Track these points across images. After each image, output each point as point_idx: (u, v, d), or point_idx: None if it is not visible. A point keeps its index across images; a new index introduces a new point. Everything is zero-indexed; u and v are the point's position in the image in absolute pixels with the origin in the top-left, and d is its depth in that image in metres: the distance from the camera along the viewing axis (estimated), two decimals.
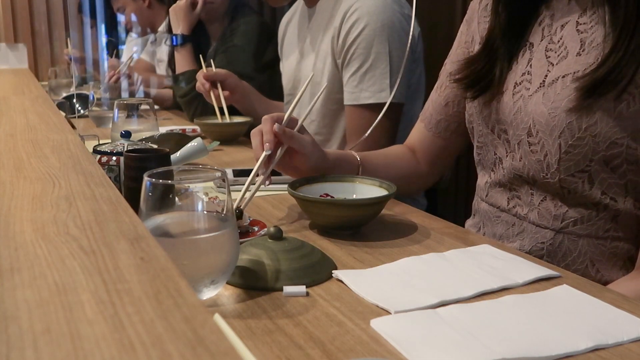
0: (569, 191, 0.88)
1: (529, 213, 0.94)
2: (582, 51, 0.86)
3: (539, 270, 0.73)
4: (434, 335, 0.58)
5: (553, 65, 0.90)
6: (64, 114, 1.46)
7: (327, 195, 0.93)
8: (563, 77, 0.87)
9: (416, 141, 1.17)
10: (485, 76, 0.98)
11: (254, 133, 0.95)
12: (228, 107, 1.67)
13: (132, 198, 0.58)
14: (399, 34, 1.37)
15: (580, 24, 0.88)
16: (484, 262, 0.76)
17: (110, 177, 0.91)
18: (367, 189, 0.94)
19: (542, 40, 0.93)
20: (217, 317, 0.38)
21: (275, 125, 0.92)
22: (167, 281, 0.33)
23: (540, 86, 0.89)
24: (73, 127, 1.01)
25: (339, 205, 0.86)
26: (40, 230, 0.41)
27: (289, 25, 1.67)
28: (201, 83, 1.67)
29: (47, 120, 0.90)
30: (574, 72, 0.85)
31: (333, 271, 0.73)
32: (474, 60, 1.00)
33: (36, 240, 0.39)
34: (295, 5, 1.67)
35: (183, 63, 2.07)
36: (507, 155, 0.96)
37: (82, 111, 2.09)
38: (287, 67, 1.64)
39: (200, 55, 1.86)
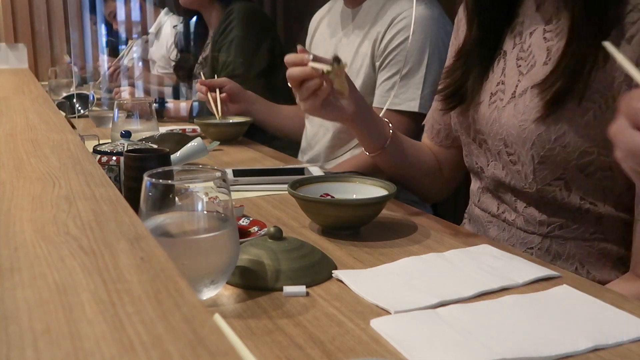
0: (548, 199, 0.89)
1: (516, 219, 0.94)
2: (549, 60, 0.87)
3: (539, 270, 0.73)
4: (434, 335, 0.58)
5: (523, 75, 0.90)
6: (64, 114, 1.46)
7: (327, 195, 0.93)
8: (531, 87, 0.88)
9: (430, 146, 1.18)
10: (461, 86, 0.98)
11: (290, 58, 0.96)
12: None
13: (132, 198, 0.58)
14: (439, 48, 1.40)
15: (547, 32, 0.88)
16: (484, 262, 0.76)
17: (110, 177, 0.91)
18: (367, 189, 0.94)
19: (514, 48, 0.93)
20: (217, 317, 0.38)
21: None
22: (167, 281, 0.33)
23: (512, 97, 0.90)
24: (73, 127, 1.01)
25: (339, 205, 0.86)
26: (40, 230, 0.41)
27: (321, 23, 1.68)
28: (199, 90, 1.68)
29: (47, 120, 0.90)
30: (541, 83, 0.86)
31: (333, 271, 0.73)
32: (451, 71, 1.01)
33: (36, 240, 0.39)
34: (330, 4, 1.67)
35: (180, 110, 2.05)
36: (488, 165, 0.97)
37: (82, 111, 2.09)
38: None
39: (199, 68, 1.84)
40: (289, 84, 0.98)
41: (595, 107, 0.82)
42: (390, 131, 1.07)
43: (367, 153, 1.10)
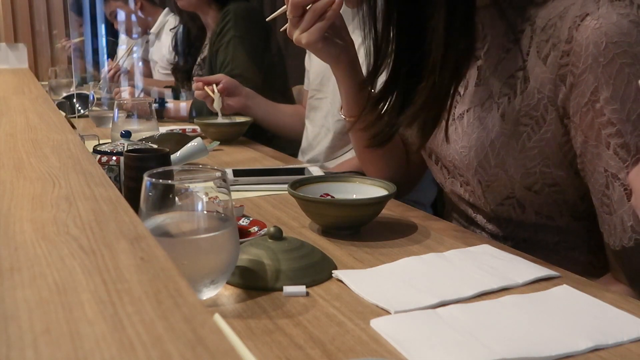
0: (505, 218, 0.89)
1: (483, 232, 0.95)
2: (479, 82, 0.87)
3: (539, 270, 0.73)
4: (433, 335, 0.58)
5: (460, 95, 0.90)
6: (64, 113, 1.46)
7: (327, 195, 0.93)
8: (467, 111, 0.87)
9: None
10: (390, 122, 0.95)
11: None
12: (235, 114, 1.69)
13: (132, 198, 0.58)
14: None
15: (478, 49, 0.88)
16: (484, 262, 0.76)
17: (110, 177, 0.91)
18: (367, 189, 0.94)
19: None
20: (217, 317, 0.38)
21: None
22: (167, 281, 0.33)
23: (452, 121, 0.89)
24: (73, 127, 1.01)
25: (339, 205, 0.86)
26: (40, 230, 0.41)
27: None
28: (196, 88, 1.68)
29: (47, 120, 0.90)
30: (474, 107, 0.86)
31: (333, 271, 0.73)
32: (372, 104, 0.97)
33: (36, 240, 0.39)
34: None
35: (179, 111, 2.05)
36: (445, 182, 0.97)
37: (82, 111, 2.09)
38: (315, 63, 1.64)
39: (197, 69, 1.83)
40: (288, 16, 0.95)
41: (528, 129, 0.82)
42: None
43: (345, 117, 1.06)
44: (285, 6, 0.99)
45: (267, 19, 1.23)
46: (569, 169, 0.83)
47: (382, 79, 0.95)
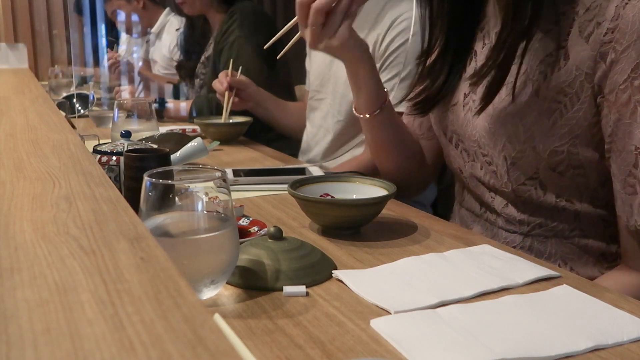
0: (525, 199, 0.89)
1: (497, 219, 0.95)
2: (514, 60, 0.87)
3: (539, 270, 0.73)
4: (434, 335, 0.58)
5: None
6: (64, 114, 1.46)
7: (327, 195, 0.93)
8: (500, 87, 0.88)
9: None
10: (436, 90, 0.98)
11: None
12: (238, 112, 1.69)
13: (132, 198, 0.58)
14: None
15: None
16: (484, 262, 0.76)
17: (110, 177, 0.91)
18: (367, 189, 0.94)
19: (483, 47, 0.94)
20: (217, 317, 0.38)
21: None
22: (167, 281, 0.33)
23: (482, 99, 0.90)
24: (73, 127, 1.01)
25: (339, 205, 0.86)
26: (40, 230, 0.41)
27: None
28: (220, 82, 1.65)
29: (47, 120, 0.90)
30: (507, 84, 0.87)
31: (333, 271, 0.73)
32: (424, 76, 1.01)
33: (36, 240, 0.39)
34: None
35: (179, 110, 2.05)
36: (465, 165, 0.97)
37: (82, 111, 2.09)
38: (315, 64, 1.64)
39: (201, 67, 1.83)
40: (306, 25, 0.93)
41: (561, 106, 0.83)
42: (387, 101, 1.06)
43: (363, 115, 1.07)
44: (291, 23, 0.98)
45: (277, 57, 1.23)
46: (594, 151, 0.85)
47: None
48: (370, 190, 0.93)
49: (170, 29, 3.02)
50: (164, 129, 1.56)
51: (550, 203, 0.88)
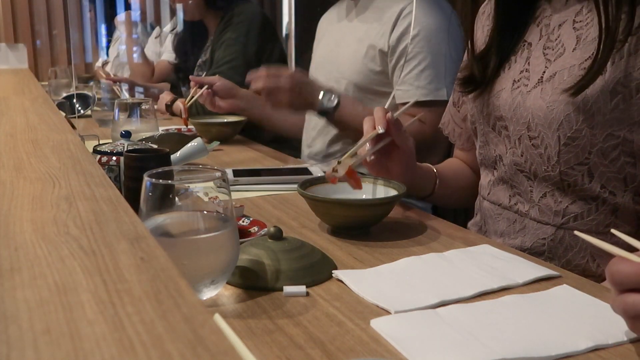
0: (569, 184, 0.89)
1: (530, 210, 0.94)
2: (578, 46, 0.89)
3: (539, 270, 0.73)
4: (434, 335, 0.58)
5: (550, 62, 0.92)
6: (64, 114, 1.46)
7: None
8: (560, 71, 0.89)
9: (457, 154, 1.21)
10: (484, 75, 1.00)
11: (367, 119, 0.98)
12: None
13: (132, 198, 0.58)
14: (453, 35, 1.42)
15: (577, 22, 0.91)
16: (484, 262, 0.76)
17: (110, 177, 0.91)
18: (376, 189, 0.94)
19: (540, 39, 0.95)
20: (217, 317, 0.38)
21: (389, 114, 0.95)
22: (167, 281, 0.33)
23: (538, 82, 0.91)
24: (73, 127, 1.01)
25: (349, 205, 0.86)
26: (40, 230, 0.41)
27: (326, 22, 1.70)
28: (192, 86, 1.71)
29: (47, 120, 0.90)
30: (570, 67, 0.88)
31: (333, 271, 0.73)
32: (476, 60, 1.02)
33: (36, 240, 0.39)
34: (338, 5, 1.68)
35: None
36: (507, 152, 0.97)
37: (82, 111, 2.09)
38: (317, 57, 1.65)
39: (198, 70, 1.86)
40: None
41: (626, 91, 0.83)
42: (435, 170, 1.08)
43: (424, 195, 1.11)
44: None
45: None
46: None
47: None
48: (379, 190, 0.93)
49: (169, 31, 3.03)
50: (162, 129, 1.56)
51: (594, 192, 0.88)
